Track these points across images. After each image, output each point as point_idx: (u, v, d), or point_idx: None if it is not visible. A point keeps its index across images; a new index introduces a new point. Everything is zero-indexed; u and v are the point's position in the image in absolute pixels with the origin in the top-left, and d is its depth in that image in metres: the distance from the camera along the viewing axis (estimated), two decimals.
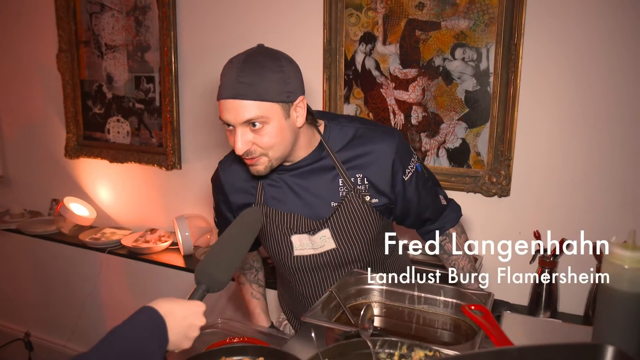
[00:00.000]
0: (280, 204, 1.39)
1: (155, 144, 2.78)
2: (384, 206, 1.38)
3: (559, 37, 1.90)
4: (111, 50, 2.83)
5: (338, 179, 1.36)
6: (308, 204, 1.37)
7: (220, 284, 1.01)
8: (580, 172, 1.95)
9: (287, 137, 1.26)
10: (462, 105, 2.08)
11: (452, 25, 2.05)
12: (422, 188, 1.42)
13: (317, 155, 1.36)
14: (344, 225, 1.36)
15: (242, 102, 1.18)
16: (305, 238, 1.39)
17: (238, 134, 1.21)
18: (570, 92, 1.92)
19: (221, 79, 1.23)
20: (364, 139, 1.37)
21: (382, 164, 1.35)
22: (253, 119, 1.19)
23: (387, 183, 1.36)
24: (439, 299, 1.29)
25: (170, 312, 0.89)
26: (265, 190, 1.40)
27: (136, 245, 2.68)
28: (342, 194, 1.36)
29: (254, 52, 1.22)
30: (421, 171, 1.43)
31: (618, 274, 0.82)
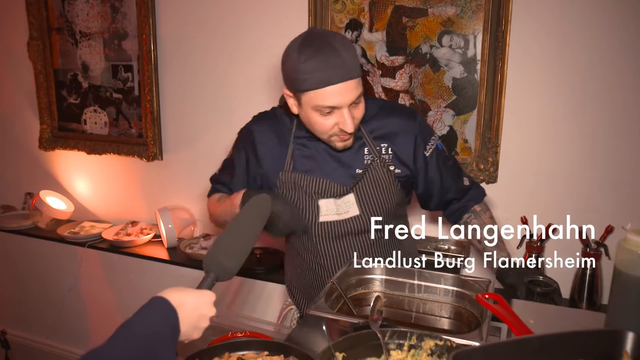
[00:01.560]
0: (308, 169, 1.45)
1: (134, 135, 2.71)
2: (406, 178, 1.46)
3: (546, 24, 1.92)
4: (86, 38, 2.73)
5: (364, 147, 1.44)
6: (335, 170, 1.44)
7: (230, 272, 0.98)
8: (566, 158, 1.98)
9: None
10: (449, 92, 2.09)
11: (439, 12, 2.04)
12: (442, 166, 1.48)
13: None
14: (368, 191, 1.43)
15: (351, 82, 1.26)
16: (331, 203, 1.44)
17: (346, 115, 1.28)
18: (557, 80, 1.94)
19: (314, 68, 1.24)
20: (389, 112, 1.48)
21: (405, 137, 1.45)
22: (359, 95, 1.29)
23: (409, 155, 1.44)
24: (439, 287, 1.29)
25: (182, 302, 0.87)
26: (294, 156, 1.46)
27: (117, 238, 2.62)
28: (368, 162, 1.43)
29: (324, 34, 1.29)
30: (441, 149, 1.50)
31: (633, 260, 0.83)
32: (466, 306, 1.24)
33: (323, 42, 1.25)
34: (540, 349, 0.69)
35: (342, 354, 0.94)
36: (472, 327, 1.18)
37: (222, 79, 2.48)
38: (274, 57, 2.34)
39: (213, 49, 2.46)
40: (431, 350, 0.97)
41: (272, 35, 2.32)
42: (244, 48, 2.40)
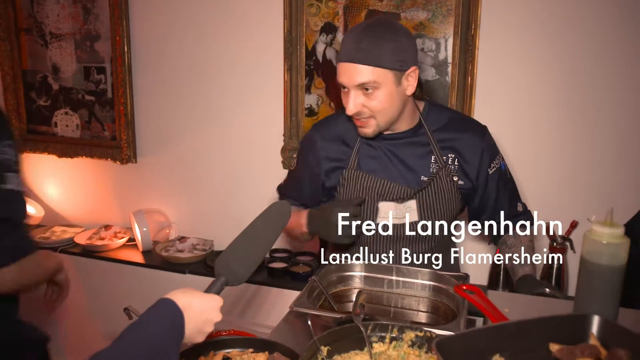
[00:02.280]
0: (373, 169, 1.47)
1: (108, 137, 2.68)
2: (467, 190, 1.48)
3: (513, 27, 1.99)
4: (57, 39, 2.69)
5: (431, 155, 1.46)
6: (400, 173, 1.46)
7: (240, 278, 0.97)
8: (533, 157, 2.06)
9: (396, 103, 1.36)
10: (422, 94, 2.14)
11: (412, 16, 2.10)
12: (502, 186, 1.52)
13: (415, 131, 1.47)
14: (430, 199, 1.45)
15: (357, 66, 1.28)
16: (391, 206, 1.45)
17: (351, 95, 1.32)
18: (524, 81, 2.02)
19: (341, 45, 1.34)
20: (460, 124, 1.51)
21: (473, 150, 1.47)
22: (366, 83, 1.29)
23: (474, 169, 1.47)
24: (417, 282, 1.33)
25: (189, 305, 0.86)
26: (359, 155, 1.48)
27: (90, 242, 2.58)
28: (433, 170, 1.45)
29: (374, 22, 1.33)
30: (504, 170, 1.54)
31: (597, 250, 0.89)
32: (443, 300, 1.29)
33: (364, 25, 1.32)
34: (516, 333, 0.74)
35: (326, 348, 0.97)
36: (449, 320, 1.22)
37: (197, 81, 2.48)
38: (249, 59, 2.37)
39: (188, 51, 2.46)
40: (412, 341, 1.01)
41: (248, 38, 2.34)
42: (219, 50, 2.41)
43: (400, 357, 0.99)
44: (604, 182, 2.00)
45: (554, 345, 0.74)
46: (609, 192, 2.00)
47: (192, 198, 2.63)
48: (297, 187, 1.59)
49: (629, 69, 1.90)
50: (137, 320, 0.83)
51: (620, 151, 1.97)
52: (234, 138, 2.48)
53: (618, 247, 0.88)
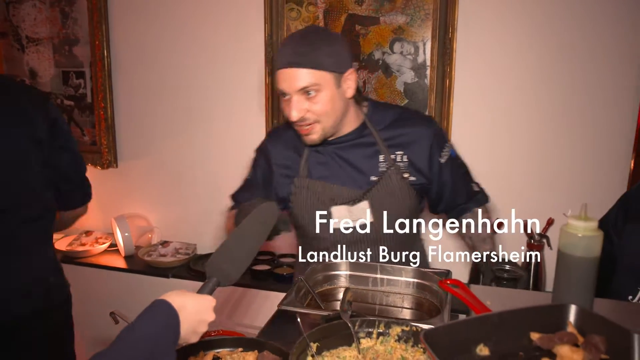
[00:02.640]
0: (323, 176, 1.47)
1: (88, 142, 2.66)
2: (421, 185, 1.48)
3: (490, 32, 2.05)
4: (34, 44, 2.67)
5: (378, 155, 1.46)
6: (350, 176, 1.46)
7: (232, 278, 0.99)
8: (511, 156, 2.12)
9: (338, 106, 1.36)
10: (401, 96, 2.19)
11: (391, 21, 2.14)
12: (456, 173, 1.53)
13: (360, 132, 1.46)
14: (382, 199, 1.45)
15: (297, 70, 1.29)
16: (344, 210, 1.45)
17: (293, 101, 1.31)
18: (499, 84, 2.08)
19: (278, 52, 1.34)
20: (405, 120, 1.49)
21: (421, 144, 1.46)
22: (307, 87, 1.29)
23: (425, 163, 1.47)
24: (401, 279, 1.37)
25: (183, 306, 0.87)
26: (309, 162, 1.48)
27: (71, 249, 2.56)
28: (382, 170, 1.45)
29: (309, 29, 1.39)
30: (455, 157, 1.55)
31: (573, 242, 0.93)
32: (426, 296, 1.32)
33: (300, 33, 1.34)
34: (499, 324, 0.77)
35: (315, 344, 1.00)
36: (433, 316, 1.25)
37: (177, 85, 2.49)
38: (230, 63, 2.39)
39: (168, 55, 2.47)
40: (398, 336, 1.03)
41: (229, 42, 2.36)
42: (200, 55, 2.42)
43: (387, 351, 1.02)
44: (578, 181, 2.07)
45: (534, 334, 0.78)
46: (583, 191, 2.07)
47: (174, 202, 2.63)
48: (249, 194, 1.55)
49: (603, 72, 1.97)
50: (133, 322, 0.84)
51: (594, 151, 2.04)
52: (216, 141, 2.49)
53: (592, 239, 0.93)
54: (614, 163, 2.02)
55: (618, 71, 1.96)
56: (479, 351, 0.76)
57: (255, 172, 1.57)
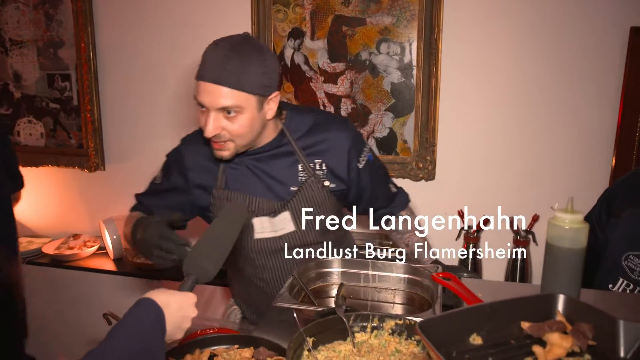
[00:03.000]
0: (242, 187, 1.43)
1: (74, 145, 2.64)
2: (340, 191, 1.47)
3: (474, 32, 2.09)
4: (17, 46, 2.64)
5: (297, 164, 1.43)
6: (269, 188, 1.43)
7: (210, 274, 1.02)
8: (496, 154, 2.16)
9: (256, 128, 1.32)
10: (388, 96, 2.22)
11: (377, 21, 2.17)
12: (374, 176, 1.52)
13: (278, 142, 1.43)
14: (303, 208, 1.43)
15: (222, 88, 1.22)
16: (265, 221, 1.44)
17: (211, 117, 1.25)
18: (485, 82, 2.12)
19: (203, 60, 1.26)
20: (322, 127, 1.46)
21: (339, 151, 1.45)
22: (229, 107, 1.24)
23: (343, 169, 1.45)
24: (392, 275, 1.39)
25: (167, 303, 0.90)
26: (226, 174, 1.43)
27: (59, 252, 2.54)
28: (302, 179, 1.43)
29: (242, 42, 1.26)
30: (373, 160, 1.53)
31: (560, 234, 0.97)
32: (417, 291, 1.35)
33: (231, 43, 1.24)
34: (491, 314, 0.80)
35: (312, 339, 1.02)
36: (424, 310, 1.28)
37: (165, 87, 2.49)
38: None
39: (155, 57, 2.47)
40: (392, 329, 1.06)
41: None
42: (186, 56, 2.42)
43: (381, 345, 1.04)
44: (562, 178, 2.12)
45: (524, 323, 0.80)
46: (567, 187, 2.11)
47: None
48: (155, 200, 1.51)
49: (585, 72, 2.02)
50: (121, 320, 0.86)
51: (578, 149, 2.09)
52: None
53: (579, 231, 0.96)
54: (597, 160, 2.07)
55: (600, 71, 2.01)
56: (472, 340, 0.78)
57: (167, 178, 1.49)
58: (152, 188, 1.54)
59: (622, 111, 1.99)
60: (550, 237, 0.99)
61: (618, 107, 2.00)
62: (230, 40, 1.26)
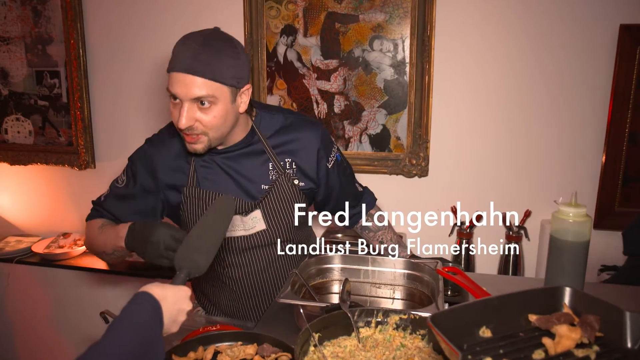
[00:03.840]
0: (213, 186, 1.42)
1: (64, 143, 2.61)
2: (310, 190, 1.49)
3: (467, 29, 2.11)
4: (4, 43, 2.59)
5: (268, 163, 1.43)
6: (240, 186, 1.43)
7: (202, 268, 1.04)
8: (488, 150, 2.19)
9: (229, 120, 1.31)
10: (381, 93, 2.23)
11: (370, 19, 2.18)
12: (342, 176, 1.55)
13: (249, 140, 1.42)
14: (274, 206, 1.44)
15: (195, 78, 1.20)
16: (237, 219, 1.43)
17: (184, 108, 1.23)
18: (477, 79, 2.14)
19: (175, 53, 1.24)
20: (293, 127, 1.47)
21: (308, 151, 1.46)
22: (203, 97, 1.22)
23: (313, 168, 1.47)
24: (392, 271, 1.40)
25: (164, 297, 0.91)
26: (197, 172, 1.42)
27: (49, 251, 2.51)
28: (273, 177, 1.44)
29: (213, 34, 1.25)
30: (341, 160, 1.56)
31: (564, 228, 0.98)
32: (417, 287, 1.36)
33: (202, 36, 1.23)
34: (499, 307, 0.81)
35: (317, 334, 1.02)
36: (425, 305, 1.29)
37: (156, 84, 2.46)
38: None
39: (146, 54, 2.44)
40: (396, 324, 1.07)
41: None
42: None
43: (386, 339, 1.05)
44: (553, 174, 2.15)
45: (532, 315, 0.82)
46: (559, 183, 2.15)
47: None
48: (121, 205, 1.46)
49: (576, 69, 2.05)
50: (120, 314, 0.86)
51: (568, 145, 2.12)
52: None
53: (582, 224, 0.98)
54: (587, 156, 2.11)
55: (590, 67, 2.04)
56: (481, 333, 0.79)
57: (133, 181, 1.44)
58: (116, 192, 1.48)
59: (612, 107, 2.02)
60: (555, 230, 1.01)
61: (608, 103, 2.03)
62: (201, 33, 1.26)
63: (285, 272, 1.53)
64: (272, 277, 1.51)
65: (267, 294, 1.53)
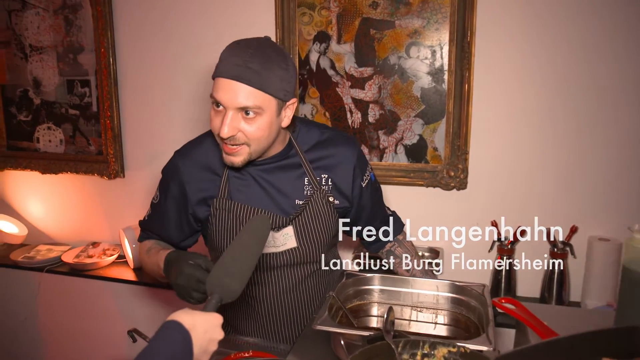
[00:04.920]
0: (245, 199, 1.36)
1: (94, 152, 2.59)
2: (343, 209, 1.42)
3: (510, 33, 2.00)
4: (37, 52, 2.60)
5: (304, 177, 1.37)
6: (274, 200, 1.36)
7: (234, 293, 0.97)
8: (532, 162, 2.07)
9: (272, 133, 1.26)
10: (418, 102, 2.14)
11: (406, 24, 2.09)
12: (374, 197, 1.49)
13: (286, 153, 1.37)
14: (307, 223, 1.37)
15: (243, 86, 1.15)
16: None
17: (228, 116, 1.18)
18: (520, 87, 2.03)
19: (223, 58, 1.20)
20: (330, 142, 1.42)
21: (345, 167, 1.40)
22: (249, 107, 1.17)
23: (348, 186, 1.41)
24: (435, 294, 1.31)
25: (193, 325, 0.86)
26: (230, 184, 1.36)
27: (79, 261, 2.49)
28: (308, 193, 1.37)
29: (264, 43, 1.21)
30: (374, 181, 1.50)
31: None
32: (462, 312, 1.27)
33: (254, 44, 1.19)
34: (569, 348, 0.72)
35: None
36: (471, 332, 1.20)
37: (186, 92, 2.43)
38: None
39: (176, 62, 2.41)
40: (444, 357, 0.98)
41: None
42: (209, 61, 2.36)
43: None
44: (602, 188, 2.01)
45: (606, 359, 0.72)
46: (608, 198, 2.02)
47: None
48: (160, 222, 1.43)
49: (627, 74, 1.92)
50: (148, 345, 0.82)
51: (618, 157, 1.98)
52: None
53: None
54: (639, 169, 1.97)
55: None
56: None
57: (165, 199, 1.41)
58: (154, 210, 1.46)
59: None
60: (628, 260, 0.90)
61: None
62: (252, 40, 1.21)
63: (312, 293, 1.46)
64: (298, 298, 1.44)
65: (291, 317, 1.46)
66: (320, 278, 1.48)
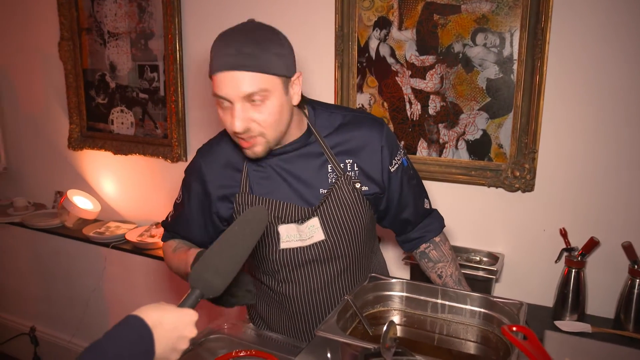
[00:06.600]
0: (267, 192, 1.31)
1: (160, 135, 2.68)
2: (374, 195, 1.32)
3: (590, 20, 1.77)
4: (114, 38, 2.72)
5: (327, 165, 1.29)
6: (296, 191, 1.30)
7: (216, 289, 0.91)
8: (611, 166, 1.82)
9: (285, 115, 1.19)
10: (483, 94, 1.96)
11: (473, 9, 1.92)
12: (405, 183, 1.36)
13: (305, 140, 1.30)
14: (333, 213, 1.29)
15: (242, 74, 1.09)
16: (292, 228, 1.30)
17: (237, 109, 1.12)
18: (601, 81, 1.78)
19: (214, 53, 1.14)
20: (353, 124, 1.32)
21: (371, 150, 1.30)
22: (254, 93, 1.11)
23: (377, 170, 1.30)
24: (465, 307, 1.18)
25: (159, 322, 0.81)
26: (250, 178, 1.31)
27: (141, 240, 2.59)
28: (332, 181, 1.28)
29: (250, 26, 1.15)
30: (407, 166, 1.37)
31: None
32: (494, 330, 1.13)
33: (239, 30, 1.13)
34: None
35: None
36: (500, 354, 1.06)
37: None
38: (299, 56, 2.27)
39: None
40: None
41: (298, 34, 2.24)
42: None
43: None
44: None
45: None
46: None
47: None
48: (184, 221, 1.40)
49: None
50: (100, 339, 0.77)
51: None
52: None
53: None
54: None
55: None
56: None
57: (188, 199, 1.38)
58: (177, 210, 1.44)
59: None
60: None
61: None
62: (238, 27, 1.15)
63: (345, 292, 1.37)
64: (330, 297, 1.36)
65: (323, 317, 1.38)
66: (353, 277, 1.39)
